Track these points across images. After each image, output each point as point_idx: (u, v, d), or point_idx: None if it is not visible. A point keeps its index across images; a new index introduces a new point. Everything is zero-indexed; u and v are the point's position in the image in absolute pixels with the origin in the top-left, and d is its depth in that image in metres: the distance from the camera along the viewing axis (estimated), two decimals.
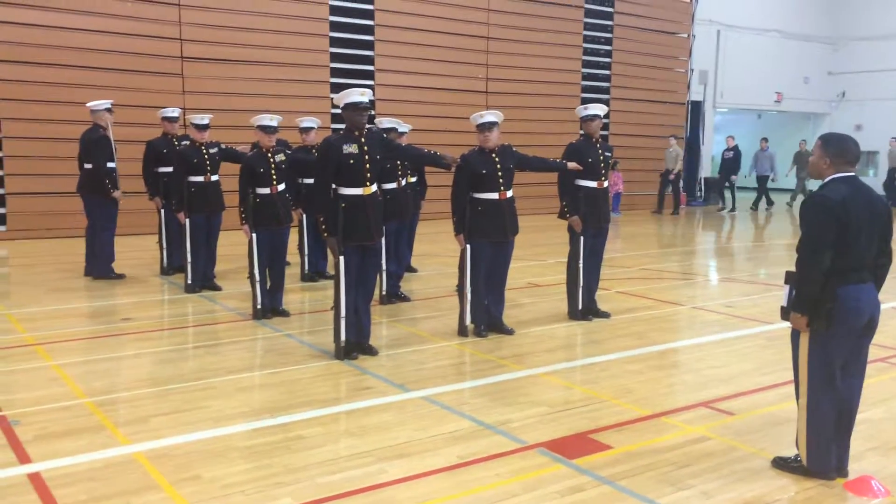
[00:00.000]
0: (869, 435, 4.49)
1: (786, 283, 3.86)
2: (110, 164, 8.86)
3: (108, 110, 8.94)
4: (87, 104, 9.04)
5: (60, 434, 4.39)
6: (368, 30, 15.56)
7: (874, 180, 22.77)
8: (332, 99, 14.19)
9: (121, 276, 9.05)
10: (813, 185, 19.87)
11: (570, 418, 4.74)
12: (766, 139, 20.48)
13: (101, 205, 8.95)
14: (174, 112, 9.35)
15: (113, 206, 9.00)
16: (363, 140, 5.82)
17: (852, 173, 3.80)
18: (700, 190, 21.82)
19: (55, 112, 12.54)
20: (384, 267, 7.76)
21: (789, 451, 4.11)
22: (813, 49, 25.22)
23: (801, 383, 3.89)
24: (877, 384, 5.37)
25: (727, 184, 19.43)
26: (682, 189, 19.53)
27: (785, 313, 3.87)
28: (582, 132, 7.21)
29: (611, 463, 4.08)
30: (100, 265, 9.05)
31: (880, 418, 4.80)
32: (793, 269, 3.85)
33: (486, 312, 6.74)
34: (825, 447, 3.86)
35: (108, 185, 8.81)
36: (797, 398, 3.94)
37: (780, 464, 4.04)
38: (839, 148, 3.78)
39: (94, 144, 8.81)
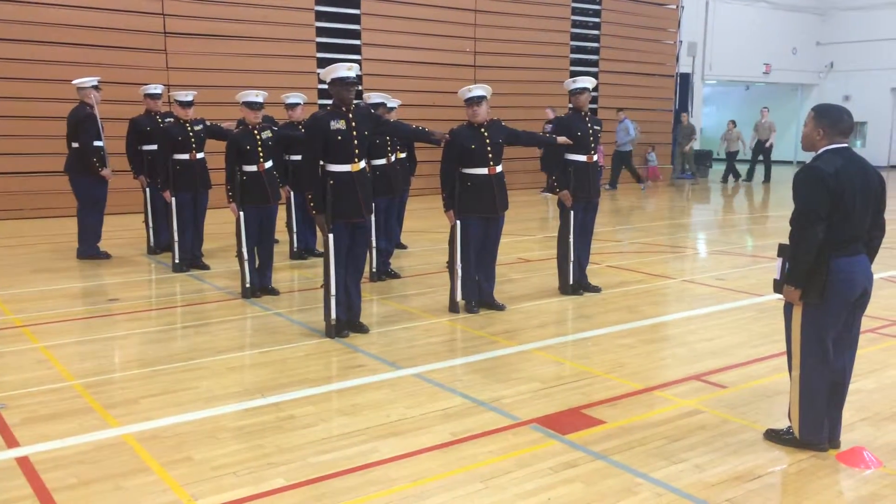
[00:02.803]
0: (860, 406, 4.50)
1: (779, 255, 3.83)
2: (98, 143, 8.73)
3: (95, 87, 8.77)
4: (74, 81, 8.88)
5: (48, 417, 4.35)
6: (355, 3, 15.35)
7: (862, 151, 22.79)
8: (318, 74, 14.03)
9: (106, 256, 8.96)
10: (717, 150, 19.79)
11: (563, 394, 4.73)
12: (621, 109, 17.98)
13: (88, 184, 8.82)
14: (157, 89, 9.21)
15: (101, 185, 8.86)
16: (351, 116, 5.74)
17: (845, 144, 3.76)
18: (689, 163, 21.79)
19: (38, 90, 12.34)
20: (374, 244, 7.70)
21: (781, 424, 4.11)
22: (801, 20, 25.12)
23: (794, 356, 3.88)
24: (868, 355, 5.38)
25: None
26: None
27: (778, 286, 3.85)
28: (570, 106, 7.14)
29: (604, 438, 4.07)
30: (84, 245, 8.97)
31: (871, 389, 4.81)
32: (782, 241, 3.83)
33: (476, 288, 6.71)
34: (817, 419, 3.86)
35: (97, 164, 8.70)
36: (790, 370, 3.93)
37: (773, 436, 4.04)
38: (832, 119, 3.73)
39: (81, 123, 8.68)
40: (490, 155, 6.44)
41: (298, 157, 7.87)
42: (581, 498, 3.44)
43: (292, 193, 8.82)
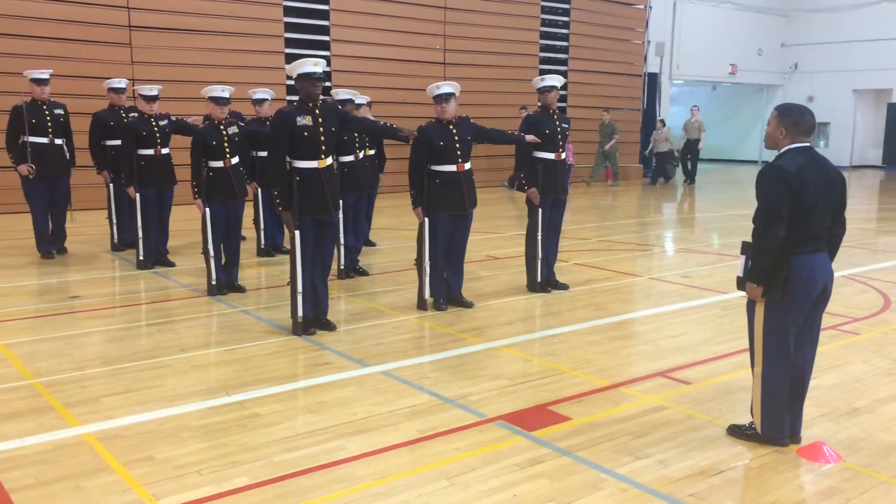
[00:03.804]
0: (821, 401, 4.58)
1: (742, 253, 3.88)
2: (26, 139, 8.39)
3: (35, 81, 8.46)
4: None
5: (6, 416, 4.25)
6: None
7: (825, 152, 23.17)
8: (286, 70, 13.92)
9: (49, 255, 8.71)
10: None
11: (530, 390, 4.74)
12: (524, 107, 16.54)
13: (23, 181, 8.60)
14: (121, 83, 9.06)
15: (32, 182, 8.53)
16: (317, 112, 5.69)
17: (808, 144, 3.81)
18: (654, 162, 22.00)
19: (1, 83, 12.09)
20: (342, 241, 7.66)
21: (744, 419, 4.17)
22: (766, 21, 25.50)
23: (756, 352, 3.93)
24: (828, 352, 5.47)
25: None
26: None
27: (741, 283, 3.89)
28: (539, 104, 7.16)
29: (570, 434, 4.09)
30: (37, 243, 8.81)
31: (831, 385, 4.89)
32: (746, 239, 3.87)
33: (445, 286, 6.70)
34: (779, 414, 3.92)
35: (12, 159, 8.47)
36: (752, 367, 3.99)
37: (735, 431, 4.09)
38: (795, 118, 3.78)
39: (9, 116, 8.51)
40: (459, 152, 6.43)
41: (265, 154, 7.80)
42: (546, 494, 3.45)
43: (259, 190, 8.74)
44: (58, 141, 8.63)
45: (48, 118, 8.55)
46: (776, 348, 3.84)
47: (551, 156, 7.04)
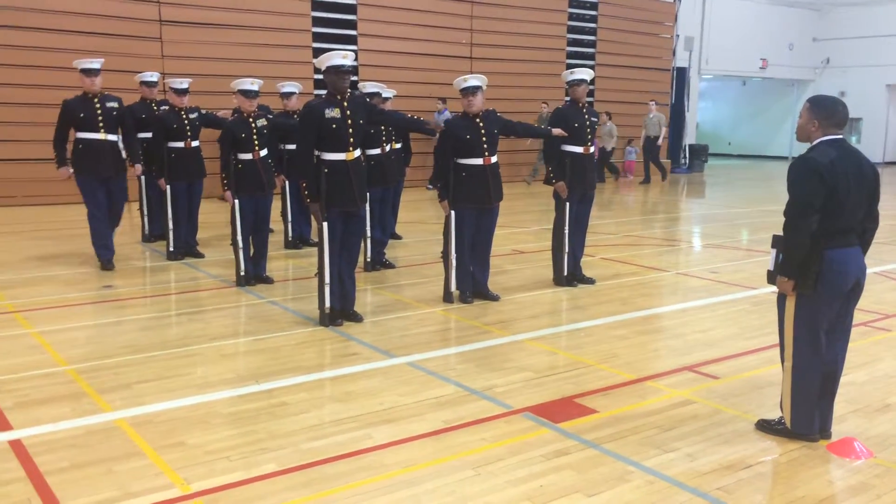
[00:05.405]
0: (852, 397, 4.53)
1: (773, 246, 3.85)
2: (79, 134, 7.69)
3: (85, 71, 7.77)
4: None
5: (41, 401, 4.34)
6: None
7: (858, 147, 22.75)
8: (314, 64, 14.02)
9: (108, 264, 7.88)
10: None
11: (556, 383, 4.74)
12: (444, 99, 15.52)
13: (78, 180, 7.83)
14: (153, 76, 9.17)
15: (83, 182, 7.76)
16: (345, 104, 5.72)
17: (840, 136, 3.76)
18: (685, 157, 21.83)
19: (30, 76, 12.29)
20: (368, 234, 7.70)
21: (773, 414, 4.13)
22: (798, 15, 25.15)
23: (787, 347, 3.89)
24: (860, 348, 5.41)
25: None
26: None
27: (771, 277, 3.86)
28: (568, 97, 7.13)
29: (596, 427, 4.08)
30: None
31: (863, 381, 4.84)
32: (777, 233, 3.84)
33: (470, 279, 6.71)
34: (809, 410, 3.88)
35: (55, 157, 7.74)
36: (782, 361, 3.95)
37: (764, 426, 4.06)
38: (827, 110, 3.74)
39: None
40: (485, 146, 6.43)
41: (293, 147, 7.86)
42: (572, 485, 3.45)
43: (287, 182, 8.80)
44: (111, 137, 7.83)
45: (99, 112, 7.75)
46: (807, 343, 3.81)
47: (579, 149, 7.01)
